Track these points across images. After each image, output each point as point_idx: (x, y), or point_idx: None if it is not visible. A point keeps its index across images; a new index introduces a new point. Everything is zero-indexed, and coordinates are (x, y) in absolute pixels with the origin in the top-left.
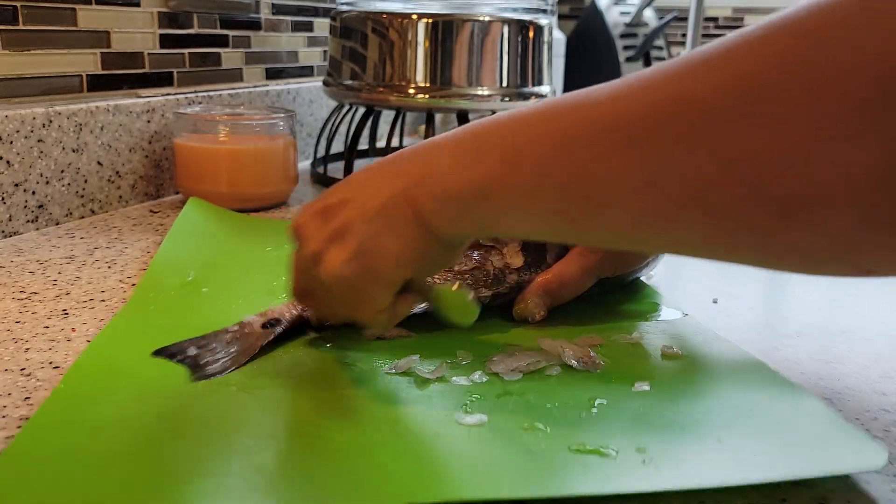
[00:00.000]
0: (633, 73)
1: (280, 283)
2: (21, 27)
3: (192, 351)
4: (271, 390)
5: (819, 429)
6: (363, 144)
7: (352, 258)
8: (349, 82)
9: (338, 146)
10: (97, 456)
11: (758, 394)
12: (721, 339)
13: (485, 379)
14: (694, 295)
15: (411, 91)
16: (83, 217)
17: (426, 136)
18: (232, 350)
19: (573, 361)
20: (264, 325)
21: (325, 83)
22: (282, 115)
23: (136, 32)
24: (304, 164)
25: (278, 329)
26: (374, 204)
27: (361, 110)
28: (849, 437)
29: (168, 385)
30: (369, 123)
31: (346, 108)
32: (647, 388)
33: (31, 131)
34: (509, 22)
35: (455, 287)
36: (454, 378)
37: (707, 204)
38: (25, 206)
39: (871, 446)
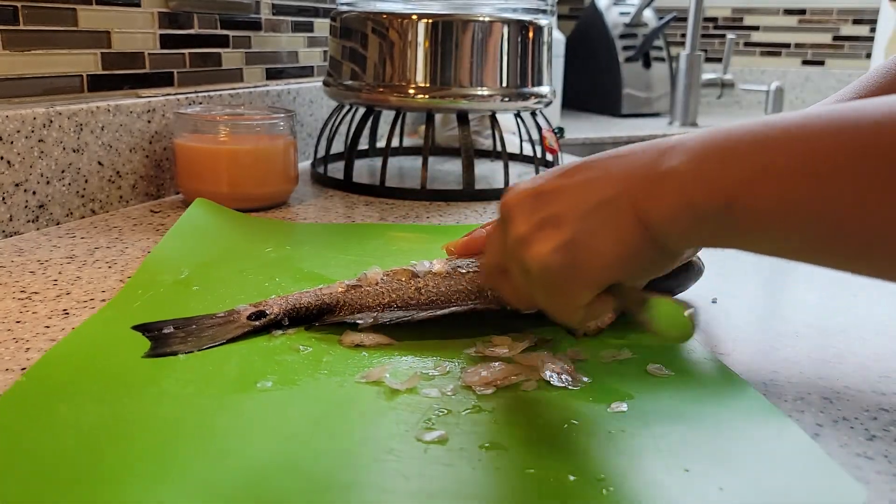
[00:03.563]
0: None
1: (273, 285)
2: (21, 27)
3: (168, 329)
4: (233, 395)
5: (798, 462)
6: (363, 144)
7: (560, 248)
8: (349, 82)
9: (338, 146)
10: (40, 457)
11: (740, 421)
12: (714, 359)
13: (457, 392)
14: (693, 295)
15: (411, 91)
16: (84, 217)
17: (426, 137)
18: (204, 335)
19: (551, 377)
20: (250, 317)
21: (326, 83)
22: (282, 115)
23: (137, 33)
24: (305, 165)
25: (257, 323)
26: (593, 198)
27: (361, 110)
28: (828, 474)
29: (130, 384)
30: (369, 123)
31: (346, 108)
32: (624, 408)
33: (32, 131)
34: (509, 22)
35: (670, 301)
36: (425, 390)
37: None
38: (26, 206)
39: (849, 485)
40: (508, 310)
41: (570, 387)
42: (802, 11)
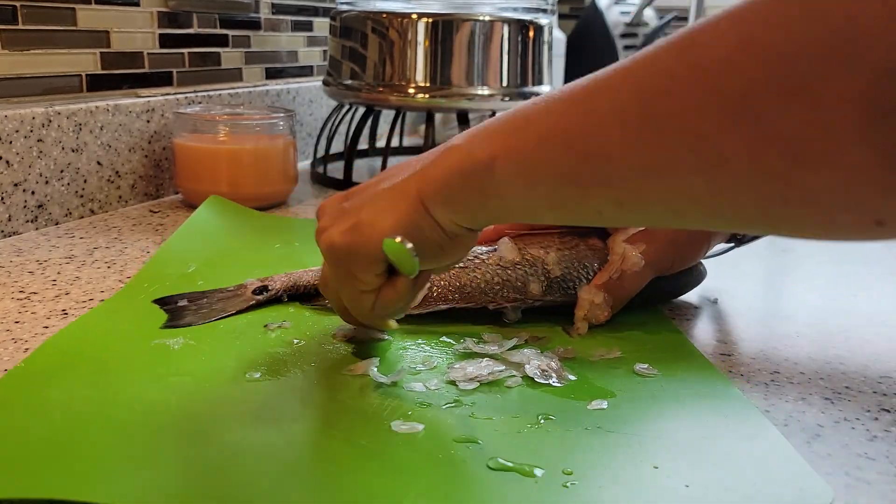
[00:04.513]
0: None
1: None
2: (21, 27)
3: (183, 302)
4: (222, 385)
5: (768, 462)
6: (363, 144)
7: (347, 231)
8: (349, 82)
9: (337, 146)
10: (26, 437)
11: (718, 420)
12: (702, 358)
13: (440, 387)
14: (694, 295)
15: (411, 91)
16: (83, 217)
17: (426, 136)
18: (215, 307)
19: (535, 373)
20: (254, 291)
21: (325, 83)
22: (281, 114)
23: (136, 32)
24: (304, 164)
25: (260, 297)
26: (387, 185)
27: (361, 110)
28: (797, 474)
29: (125, 370)
30: (369, 123)
31: (346, 107)
32: (604, 406)
33: (31, 131)
34: (509, 22)
35: (398, 240)
36: (409, 384)
37: (713, 151)
38: (25, 206)
39: (817, 485)
40: (503, 306)
41: (553, 384)
42: None
